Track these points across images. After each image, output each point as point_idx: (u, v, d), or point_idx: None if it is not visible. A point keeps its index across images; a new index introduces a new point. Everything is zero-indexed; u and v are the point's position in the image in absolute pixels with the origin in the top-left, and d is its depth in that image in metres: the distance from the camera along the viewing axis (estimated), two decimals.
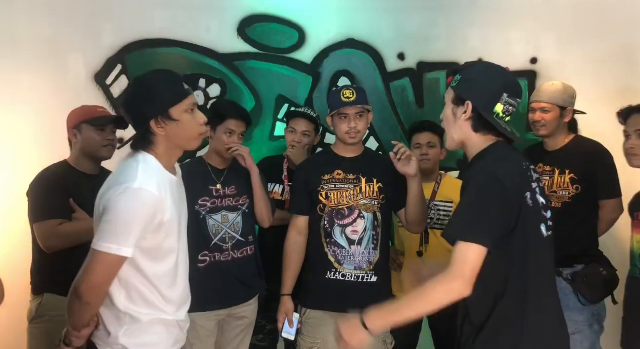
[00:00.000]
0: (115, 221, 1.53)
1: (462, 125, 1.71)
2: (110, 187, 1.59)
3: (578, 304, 2.59)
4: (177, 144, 1.70)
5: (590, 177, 2.64)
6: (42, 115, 2.98)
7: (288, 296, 2.43)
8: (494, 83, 1.68)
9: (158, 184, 1.60)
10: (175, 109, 1.65)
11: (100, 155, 2.39)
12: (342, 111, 2.36)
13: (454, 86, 1.73)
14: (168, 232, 1.65)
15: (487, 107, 1.67)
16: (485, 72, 1.73)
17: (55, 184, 2.28)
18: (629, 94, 2.74)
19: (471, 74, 1.72)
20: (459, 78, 1.72)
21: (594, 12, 3.14)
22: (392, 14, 3.16)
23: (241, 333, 2.54)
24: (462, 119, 1.70)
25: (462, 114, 1.69)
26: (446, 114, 1.76)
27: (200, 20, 3.09)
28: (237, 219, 2.48)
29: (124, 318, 1.64)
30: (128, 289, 1.63)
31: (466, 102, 1.67)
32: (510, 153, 1.71)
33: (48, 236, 2.22)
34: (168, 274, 1.69)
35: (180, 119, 1.65)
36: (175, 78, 1.73)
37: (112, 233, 1.53)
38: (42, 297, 2.30)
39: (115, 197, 1.54)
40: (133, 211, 1.54)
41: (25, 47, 3.01)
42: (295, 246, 2.44)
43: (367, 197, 2.38)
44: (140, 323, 1.64)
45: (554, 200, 2.69)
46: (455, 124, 1.73)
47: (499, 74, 1.72)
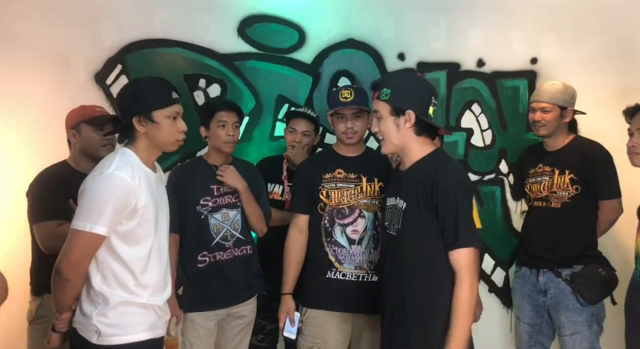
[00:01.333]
0: (89, 202, 1.71)
1: (405, 133, 1.92)
2: (89, 175, 1.78)
3: (577, 304, 2.59)
4: (155, 143, 1.88)
5: (589, 177, 2.64)
6: (42, 115, 2.97)
7: (289, 295, 2.43)
8: (424, 90, 1.93)
9: (132, 172, 1.77)
10: (158, 112, 1.84)
11: (99, 155, 2.38)
12: (339, 111, 2.37)
13: (386, 99, 1.91)
14: (142, 218, 1.79)
15: (424, 112, 1.91)
16: (414, 82, 1.99)
17: (55, 184, 2.29)
18: (629, 94, 2.74)
19: (401, 85, 1.94)
20: (389, 91, 1.91)
21: (594, 12, 3.14)
22: (392, 14, 3.15)
23: (240, 332, 2.55)
24: (405, 127, 1.91)
25: (405, 123, 1.91)
26: (387, 125, 1.94)
27: (200, 20, 3.08)
28: (236, 217, 2.49)
29: (97, 299, 1.77)
30: (104, 270, 1.78)
31: (407, 112, 1.89)
32: (456, 161, 2.06)
33: (47, 237, 2.22)
34: (142, 258, 1.82)
35: (160, 123, 1.85)
36: (167, 86, 1.92)
37: (87, 213, 1.70)
38: (42, 298, 2.31)
39: (91, 181, 1.74)
40: (105, 192, 1.71)
41: (25, 47, 3.01)
42: (295, 245, 2.44)
43: (368, 196, 2.38)
44: (112, 304, 1.76)
45: (553, 200, 2.70)
46: (398, 133, 1.93)
47: (424, 81, 2.00)
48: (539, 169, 2.78)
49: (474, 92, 3.20)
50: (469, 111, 3.22)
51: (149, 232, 1.83)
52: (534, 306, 2.76)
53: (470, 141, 3.22)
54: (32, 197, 2.31)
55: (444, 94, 3.19)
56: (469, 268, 1.83)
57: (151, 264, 1.84)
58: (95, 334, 1.75)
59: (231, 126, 2.49)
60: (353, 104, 2.36)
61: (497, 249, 3.21)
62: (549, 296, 2.69)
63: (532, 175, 2.80)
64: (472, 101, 3.21)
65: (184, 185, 2.43)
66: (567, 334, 2.63)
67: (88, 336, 1.76)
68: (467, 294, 1.82)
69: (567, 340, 2.63)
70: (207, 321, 2.42)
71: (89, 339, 1.75)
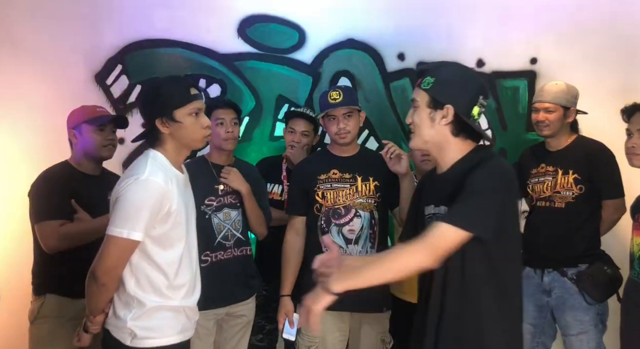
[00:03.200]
0: (125, 208, 1.71)
1: (441, 129, 1.66)
2: (122, 180, 1.77)
3: (584, 303, 2.59)
4: (182, 143, 1.85)
5: (593, 177, 2.64)
6: (42, 115, 2.98)
7: (287, 297, 2.44)
8: (471, 86, 1.66)
9: (165, 176, 1.76)
10: (179, 111, 1.80)
11: (101, 155, 2.40)
12: (329, 113, 2.39)
13: (427, 89, 1.66)
14: (175, 221, 1.79)
15: (466, 111, 1.64)
16: (461, 74, 1.70)
17: (57, 184, 2.29)
18: (630, 94, 2.74)
19: (446, 75, 1.67)
20: (432, 80, 1.66)
21: (593, 11, 3.14)
22: (392, 14, 3.16)
23: (240, 331, 2.55)
24: (441, 124, 1.65)
25: (442, 119, 1.64)
26: (421, 117, 1.68)
27: (200, 20, 3.09)
28: (237, 217, 2.50)
29: (132, 303, 1.77)
30: (138, 275, 1.78)
31: (445, 106, 1.63)
32: (503, 159, 1.75)
33: (49, 237, 2.22)
34: (175, 261, 1.82)
35: (183, 122, 1.81)
36: (184, 83, 1.89)
37: (123, 219, 1.70)
38: (43, 297, 2.30)
39: (126, 187, 1.72)
40: (140, 198, 1.71)
41: (25, 48, 3.02)
42: (293, 246, 2.44)
43: (364, 196, 2.39)
44: (146, 308, 1.77)
45: (557, 200, 2.69)
46: (432, 128, 1.66)
47: (474, 76, 1.72)
48: (541, 169, 2.78)
49: None
50: None
51: (181, 235, 1.83)
52: (537, 306, 2.76)
53: None
54: (34, 197, 2.31)
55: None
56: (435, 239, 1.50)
57: (183, 266, 1.85)
58: (129, 337, 1.77)
59: (229, 122, 2.50)
60: (342, 104, 2.36)
61: None
62: (553, 296, 2.69)
63: (535, 175, 2.80)
64: None
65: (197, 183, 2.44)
66: (573, 334, 2.62)
67: (122, 338, 1.77)
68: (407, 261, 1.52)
69: (574, 340, 2.63)
70: (206, 320, 2.43)
71: (122, 341, 1.77)
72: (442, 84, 1.64)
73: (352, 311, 2.40)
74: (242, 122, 2.67)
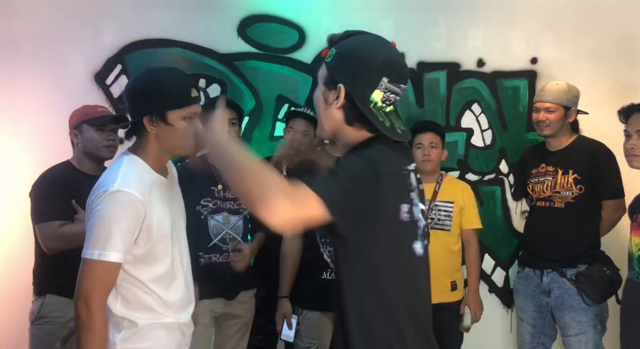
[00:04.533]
0: (95, 227, 1.51)
1: (334, 113, 1.37)
2: (93, 191, 1.57)
3: (582, 304, 2.60)
4: (166, 147, 1.65)
5: (593, 177, 2.65)
6: (43, 114, 2.99)
7: (286, 298, 2.45)
8: (373, 63, 1.32)
9: (140, 185, 1.55)
10: (173, 113, 1.59)
11: (101, 155, 2.41)
12: None
13: (327, 62, 1.37)
14: (159, 235, 1.60)
15: (362, 94, 1.33)
16: (364, 47, 1.35)
17: (58, 185, 2.30)
18: (630, 93, 2.75)
19: (347, 48, 1.35)
20: (334, 52, 1.36)
21: (593, 11, 3.14)
22: (392, 14, 3.16)
23: (238, 332, 2.55)
24: (334, 106, 1.36)
25: (334, 100, 1.35)
26: (317, 97, 1.42)
27: (200, 20, 3.09)
28: (238, 222, 2.49)
29: (121, 323, 1.59)
30: (125, 294, 1.59)
31: (338, 86, 1.33)
32: (393, 153, 1.36)
33: (50, 237, 2.23)
34: (164, 278, 1.64)
35: (175, 125, 1.60)
36: (186, 82, 1.66)
37: (94, 239, 1.51)
38: (44, 298, 2.32)
39: (94, 202, 1.53)
40: (110, 214, 1.50)
41: (25, 47, 3.02)
42: (291, 248, 2.45)
43: None
44: (138, 328, 1.59)
45: (557, 200, 2.71)
46: (325, 112, 1.39)
47: (381, 52, 1.34)
48: (542, 169, 2.79)
49: (474, 92, 3.21)
50: (469, 111, 3.22)
51: (167, 249, 1.64)
52: (537, 306, 2.77)
53: (470, 141, 3.23)
54: (35, 197, 2.32)
55: (444, 94, 3.20)
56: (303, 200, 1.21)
57: (174, 279, 1.67)
58: None
59: (228, 123, 2.49)
60: None
61: (497, 249, 3.22)
62: (552, 296, 2.70)
63: (535, 175, 2.81)
64: (472, 101, 3.21)
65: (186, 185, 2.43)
66: (572, 335, 2.64)
67: None
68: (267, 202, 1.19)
69: (572, 340, 2.64)
70: (201, 316, 2.43)
71: None
72: (340, 58, 1.35)
73: None
74: (242, 122, 2.67)
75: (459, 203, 2.80)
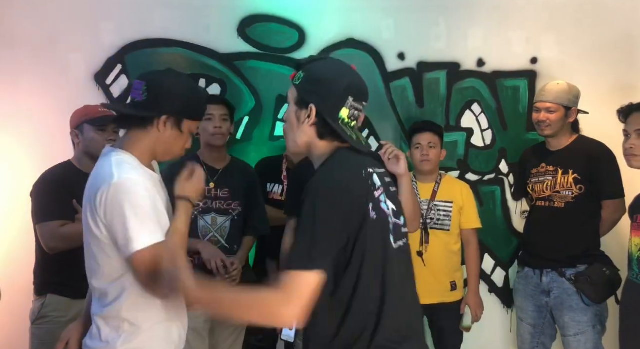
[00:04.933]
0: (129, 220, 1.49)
1: (306, 130, 1.53)
2: (89, 192, 1.55)
3: (581, 304, 2.60)
4: (160, 150, 1.66)
5: (593, 177, 2.65)
6: (43, 114, 2.99)
7: None
8: (339, 85, 1.50)
9: (134, 170, 1.56)
10: (188, 122, 1.64)
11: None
12: None
13: (296, 84, 1.53)
14: (164, 224, 1.59)
15: (332, 113, 1.50)
16: (330, 71, 1.54)
17: (59, 185, 2.30)
18: (630, 93, 2.75)
19: (315, 72, 1.53)
20: (302, 76, 1.53)
21: (593, 11, 3.14)
22: (392, 14, 3.16)
23: (233, 334, 2.55)
24: (306, 124, 1.52)
25: (306, 119, 1.51)
26: (289, 116, 1.56)
27: (200, 20, 3.09)
28: (225, 224, 2.48)
29: (122, 327, 1.57)
30: (133, 292, 1.56)
31: (309, 106, 1.50)
32: (349, 161, 1.51)
33: (50, 237, 2.24)
34: None
35: (184, 133, 1.65)
36: (205, 96, 1.78)
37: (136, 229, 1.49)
38: (45, 298, 2.33)
39: (110, 200, 1.50)
40: (132, 201, 1.49)
41: (25, 47, 3.02)
42: None
43: None
44: (139, 330, 1.57)
45: (557, 200, 2.70)
46: (298, 129, 1.54)
47: (345, 75, 1.54)
48: (542, 169, 2.79)
49: (474, 92, 3.21)
50: (469, 111, 3.22)
51: None
52: (537, 306, 2.77)
53: (470, 140, 3.23)
54: (36, 197, 2.32)
55: (444, 93, 3.20)
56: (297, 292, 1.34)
57: None
58: None
59: (218, 118, 2.48)
60: None
61: (497, 249, 3.22)
62: (552, 296, 2.70)
63: (535, 175, 2.81)
64: (472, 101, 3.21)
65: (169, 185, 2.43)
66: (571, 335, 2.64)
67: None
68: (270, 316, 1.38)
69: (571, 340, 2.64)
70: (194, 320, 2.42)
71: None
72: (309, 81, 1.52)
73: None
74: (233, 118, 2.65)
75: (458, 203, 2.81)
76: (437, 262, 2.75)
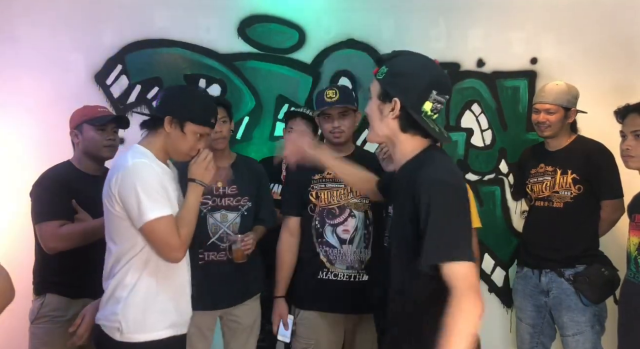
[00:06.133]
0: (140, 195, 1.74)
1: (389, 123, 1.60)
2: (109, 180, 1.80)
3: (580, 304, 2.60)
4: (169, 149, 1.92)
5: (592, 177, 2.65)
6: (43, 114, 2.99)
7: (282, 298, 2.43)
8: (423, 79, 1.55)
9: (150, 159, 1.83)
10: (191, 125, 1.88)
11: (102, 155, 2.41)
12: (325, 111, 2.39)
13: (380, 79, 1.60)
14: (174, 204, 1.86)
15: (415, 106, 1.55)
16: (414, 65, 1.59)
17: (58, 184, 2.30)
18: (630, 93, 2.75)
19: (399, 66, 1.58)
20: (385, 70, 1.58)
21: (593, 11, 3.15)
22: (392, 14, 3.16)
23: (242, 335, 2.53)
24: (389, 117, 1.59)
25: (390, 112, 1.58)
26: (372, 108, 1.64)
27: (200, 20, 3.09)
28: (236, 220, 2.49)
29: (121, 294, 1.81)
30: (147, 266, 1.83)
31: (394, 100, 1.56)
32: (452, 162, 1.66)
33: (50, 237, 2.23)
34: None
35: (187, 135, 1.89)
36: (213, 109, 1.97)
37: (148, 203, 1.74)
38: (44, 297, 2.31)
39: (123, 181, 1.76)
40: (144, 178, 1.76)
41: (25, 47, 3.03)
42: (287, 247, 2.44)
43: (358, 195, 2.39)
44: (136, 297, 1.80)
45: (555, 200, 2.71)
46: (381, 122, 1.61)
47: (428, 69, 1.59)
48: (540, 169, 2.79)
49: (474, 92, 3.22)
50: (469, 111, 3.23)
51: None
52: (536, 306, 2.77)
53: (470, 141, 3.24)
54: (35, 197, 2.31)
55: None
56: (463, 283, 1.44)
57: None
58: (118, 332, 1.78)
59: (217, 122, 2.50)
60: (338, 103, 2.36)
61: (497, 249, 3.23)
62: (551, 296, 2.70)
63: (534, 175, 2.82)
64: (472, 101, 3.22)
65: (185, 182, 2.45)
66: (569, 335, 2.64)
67: (111, 333, 1.79)
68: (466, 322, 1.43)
69: (570, 340, 2.64)
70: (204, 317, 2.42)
71: (112, 336, 1.79)
72: (393, 75, 1.57)
73: (346, 312, 2.40)
74: (232, 117, 2.65)
75: None
76: None
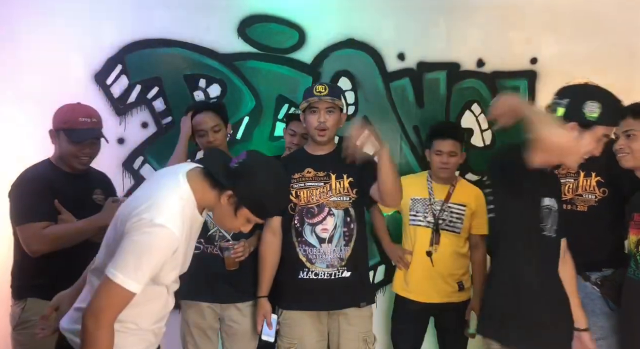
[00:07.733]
0: (129, 252, 1.47)
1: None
2: (134, 209, 1.51)
3: (606, 308, 2.45)
4: (214, 211, 1.69)
5: (615, 180, 2.48)
6: (43, 115, 2.94)
7: (265, 298, 2.37)
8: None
9: (183, 222, 1.54)
10: (246, 212, 1.65)
11: (74, 166, 2.24)
12: (312, 104, 2.33)
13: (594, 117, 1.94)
14: (174, 264, 1.61)
15: None
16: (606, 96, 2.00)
17: (39, 184, 2.13)
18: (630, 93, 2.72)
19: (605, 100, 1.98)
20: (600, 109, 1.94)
21: (593, 11, 3.14)
22: (392, 14, 3.11)
23: (242, 340, 2.49)
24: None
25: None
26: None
27: (200, 20, 3.03)
28: None
29: None
30: None
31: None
32: None
33: (33, 240, 2.07)
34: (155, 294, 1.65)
35: (237, 217, 1.66)
36: (279, 206, 1.84)
37: (123, 262, 1.47)
38: (25, 302, 2.15)
39: (138, 227, 1.48)
40: (149, 248, 1.48)
41: (25, 47, 2.98)
42: (270, 247, 2.37)
43: (338, 193, 2.34)
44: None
45: (579, 203, 2.56)
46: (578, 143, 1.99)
47: None
48: (562, 171, 2.62)
49: (473, 92, 3.19)
50: (469, 111, 3.20)
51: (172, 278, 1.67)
52: None
53: (470, 141, 3.24)
54: (16, 198, 2.14)
55: (444, 94, 3.18)
56: None
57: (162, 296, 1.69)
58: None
59: (209, 132, 2.47)
60: (327, 96, 2.32)
61: None
62: None
63: None
64: (472, 101, 3.19)
65: None
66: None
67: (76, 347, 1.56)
68: None
69: None
70: (201, 313, 2.40)
71: None
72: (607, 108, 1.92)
73: (327, 309, 2.35)
74: (227, 120, 2.59)
75: (471, 207, 2.71)
76: (445, 263, 2.66)
